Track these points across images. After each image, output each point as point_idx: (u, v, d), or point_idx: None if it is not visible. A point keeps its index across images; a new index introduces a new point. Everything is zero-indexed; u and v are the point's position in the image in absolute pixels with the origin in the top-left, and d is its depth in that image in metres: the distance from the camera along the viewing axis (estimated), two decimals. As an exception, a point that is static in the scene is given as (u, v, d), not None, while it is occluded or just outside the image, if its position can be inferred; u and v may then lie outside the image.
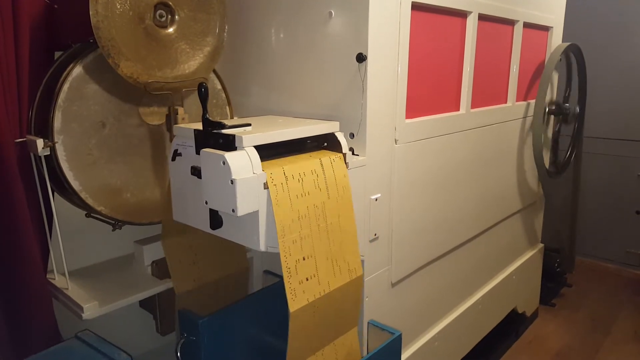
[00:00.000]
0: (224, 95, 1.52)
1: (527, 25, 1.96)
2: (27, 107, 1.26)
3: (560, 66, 2.17)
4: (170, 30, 1.31)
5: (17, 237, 1.25)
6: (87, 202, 1.27)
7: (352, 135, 1.31)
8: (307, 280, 1.09)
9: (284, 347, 1.46)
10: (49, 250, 1.34)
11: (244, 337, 1.34)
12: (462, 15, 1.60)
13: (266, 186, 1.03)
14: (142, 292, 1.36)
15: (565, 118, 2.26)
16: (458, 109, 1.68)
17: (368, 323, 1.41)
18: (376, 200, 1.37)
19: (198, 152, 1.08)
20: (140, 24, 1.24)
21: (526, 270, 2.38)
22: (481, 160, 1.83)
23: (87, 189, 1.27)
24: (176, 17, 1.31)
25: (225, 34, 1.43)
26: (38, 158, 1.23)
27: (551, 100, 2.23)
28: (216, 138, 1.05)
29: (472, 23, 1.62)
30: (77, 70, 1.22)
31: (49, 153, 1.20)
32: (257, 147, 1.04)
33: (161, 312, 1.51)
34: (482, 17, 1.66)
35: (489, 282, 2.10)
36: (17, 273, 1.27)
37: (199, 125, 1.10)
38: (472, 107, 1.72)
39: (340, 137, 1.23)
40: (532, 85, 2.13)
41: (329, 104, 1.34)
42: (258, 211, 1.03)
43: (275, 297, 1.40)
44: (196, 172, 1.09)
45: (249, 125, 1.10)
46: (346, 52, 1.27)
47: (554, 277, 2.79)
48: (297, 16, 1.37)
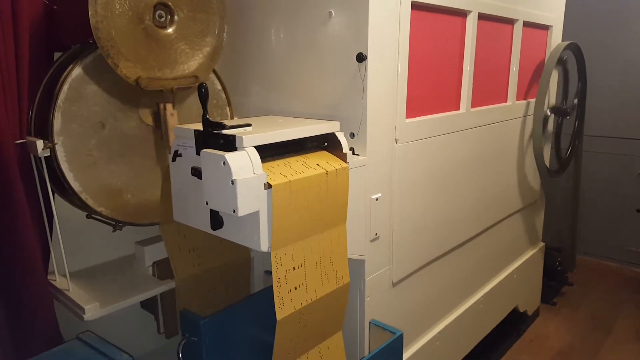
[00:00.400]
0: (224, 95, 1.52)
1: (526, 24, 1.96)
2: (26, 108, 1.26)
3: (560, 65, 2.17)
4: (170, 30, 1.30)
5: (17, 238, 1.25)
6: (87, 203, 1.27)
7: (352, 135, 1.31)
8: (296, 289, 1.10)
9: (285, 348, 1.46)
10: (49, 252, 1.34)
11: (245, 337, 1.34)
12: (462, 14, 1.60)
13: (267, 186, 1.03)
14: (143, 293, 1.36)
15: (565, 117, 2.25)
16: (458, 108, 1.68)
17: (369, 323, 1.41)
18: (377, 199, 1.37)
19: (198, 153, 1.08)
20: (139, 24, 1.24)
21: (527, 269, 2.38)
22: (481, 160, 1.83)
23: (88, 189, 1.27)
24: (175, 17, 1.31)
25: (225, 35, 1.43)
26: (38, 159, 1.22)
27: (551, 100, 2.22)
28: (216, 138, 1.05)
29: (471, 22, 1.62)
30: (77, 71, 1.22)
31: (49, 154, 1.20)
32: (258, 148, 1.04)
33: (162, 313, 1.51)
34: (481, 17, 1.66)
35: (490, 281, 2.10)
36: (18, 274, 1.27)
37: (199, 126, 1.10)
38: (472, 107, 1.71)
39: (341, 136, 1.22)
40: (532, 84, 2.13)
41: (329, 103, 1.34)
42: (259, 211, 1.03)
43: (276, 297, 1.40)
44: (196, 172, 1.09)
45: (249, 125, 1.10)
46: (346, 51, 1.26)
47: (555, 275, 2.79)
48: (297, 16, 1.37)
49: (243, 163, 1.00)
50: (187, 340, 1.23)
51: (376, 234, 1.39)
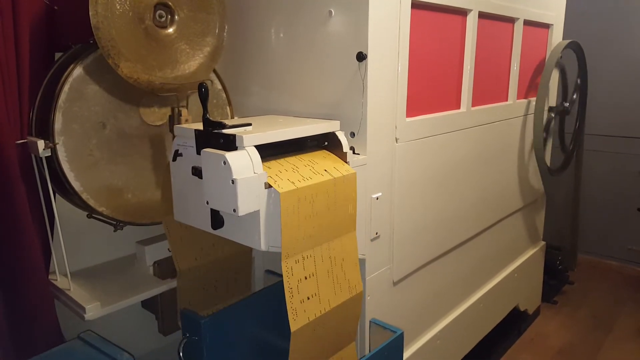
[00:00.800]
0: (224, 95, 1.52)
1: (527, 22, 1.95)
2: (27, 109, 1.26)
3: (561, 64, 2.17)
4: (170, 30, 1.31)
5: (18, 238, 1.25)
6: (88, 203, 1.27)
7: (352, 134, 1.31)
8: (309, 299, 1.08)
9: (286, 346, 1.46)
10: (50, 252, 1.34)
11: (246, 336, 1.34)
12: (462, 13, 1.60)
13: (267, 186, 1.03)
14: (144, 293, 1.37)
15: (565, 115, 2.25)
16: (459, 107, 1.68)
17: (370, 322, 1.41)
18: (377, 199, 1.37)
19: (199, 152, 1.08)
20: (140, 24, 1.24)
21: (528, 268, 2.38)
22: (482, 159, 1.83)
23: (89, 189, 1.27)
24: (176, 17, 1.31)
25: (225, 34, 1.43)
26: (39, 159, 1.23)
27: (551, 98, 2.22)
28: (217, 138, 1.05)
29: (472, 21, 1.62)
30: (78, 71, 1.22)
31: (50, 154, 1.20)
32: (258, 147, 1.04)
33: (163, 312, 1.51)
34: (482, 15, 1.66)
35: (490, 280, 2.10)
36: (19, 274, 1.28)
37: (200, 126, 1.10)
38: (472, 105, 1.71)
39: (341, 136, 1.22)
40: (533, 83, 2.13)
41: (330, 103, 1.34)
42: (259, 211, 1.03)
43: (277, 296, 1.40)
44: (197, 172, 1.09)
45: (250, 125, 1.10)
46: (346, 51, 1.27)
47: (555, 274, 2.79)
48: (297, 15, 1.37)
49: (243, 162, 1.00)
50: (188, 339, 1.23)
51: (377, 233, 1.39)
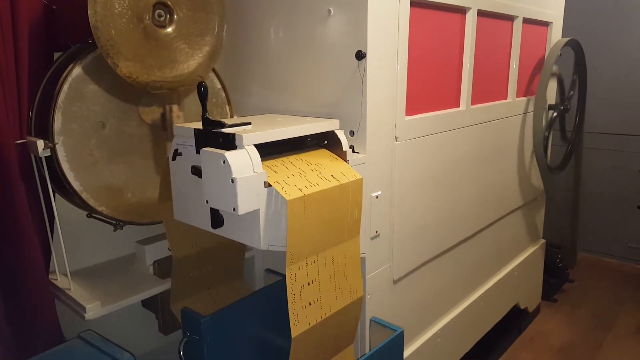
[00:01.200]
0: (223, 94, 1.52)
1: (526, 20, 1.95)
2: (27, 109, 1.26)
3: (560, 62, 2.17)
4: (169, 30, 1.30)
5: (18, 238, 1.25)
6: (88, 203, 1.27)
7: (352, 133, 1.31)
8: (310, 304, 1.09)
9: (286, 345, 1.46)
10: (50, 251, 1.34)
11: (246, 335, 1.34)
12: (462, 11, 1.59)
13: (267, 184, 1.03)
14: (144, 292, 1.37)
15: (565, 113, 2.25)
16: (458, 106, 1.68)
17: (370, 320, 1.42)
18: (377, 197, 1.37)
19: (198, 152, 1.08)
20: (139, 23, 1.24)
21: (528, 266, 2.38)
22: (482, 157, 1.83)
23: (88, 189, 1.27)
24: (175, 16, 1.31)
25: (224, 34, 1.42)
26: (39, 159, 1.23)
27: (551, 96, 2.22)
28: (216, 137, 1.05)
29: (471, 19, 1.62)
30: (77, 70, 1.22)
31: (49, 154, 1.20)
32: (258, 146, 1.04)
33: (164, 311, 1.51)
34: (481, 13, 1.66)
35: (490, 278, 2.10)
36: (20, 274, 1.28)
37: (199, 125, 1.10)
38: (472, 104, 1.71)
39: (341, 134, 1.22)
40: (532, 81, 2.13)
41: (329, 101, 1.34)
42: (259, 210, 1.03)
43: (277, 295, 1.40)
44: (196, 171, 1.09)
45: (249, 124, 1.10)
46: (345, 49, 1.26)
47: (555, 272, 2.79)
48: (296, 14, 1.37)
49: (243, 161, 1.00)
50: (188, 338, 1.24)
51: (376, 232, 1.39)
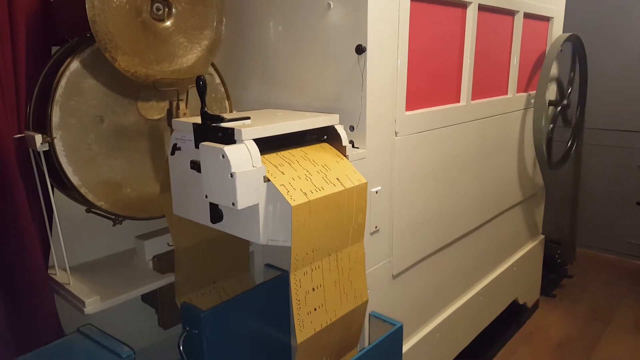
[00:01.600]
0: (222, 89, 1.52)
1: (527, 15, 1.94)
2: (24, 103, 1.25)
3: (561, 57, 2.16)
4: (168, 23, 1.30)
5: (17, 233, 1.25)
6: (87, 198, 1.27)
7: (352, 128, 1.30)
8: (315, 310, 1.08)
9: (285, 340, 1.47)
10: (49, 246, 1.34)
11: (245, 330, 1.34)
12: (462, 5, 1.59)
13: (266, 179, 1.03)
14: (143, 287, 1.36)
15: (566, 109, 2.25)
16: (458, 101, 1.68)
17: (369, 315, 1.42)
18: (377, 192, 1.37)
19: (197, 146, 1.07)
20: (137, 17, 1.23)
21: (527, 262, 2.38)
22: (482, 152, 1.83)
23: (87, 184, 1.26)
24: (173, 10, 1.30)
25: (223, 27, 1.42)
26: (37, 153, 1.22)
27: (551, 92, 2.22)
28: (215, 131, 1.05)
29: (472, 14, 1.61)
30: (75, 64, 1.22)
31: (47, 148, 1.19)
32: (257, 141, 1.04)
33: (163, 306, 1.52)
34: (482, 8, 1.65)
35: (490, 273, 2.10)
36: (19, 269, 1.27)
37: (198, 119, 1.09)
38: (472, 99, 1.71)
39: (340, 129, 1.22)
40: (533, 77, 2.12)
41: (329, 96, 1.34)
42: (258, 204, 1.03)
43: (276, 290, 1.40)
44: (196, 166, 1.09)
45: (248, 118, 1.10)
46: (345, 44, 1.26)
47: (554, 268, 2.79)
48: (296, 8, 1.36)
49: (242, 156, 1.00)
50: (188, 333, 1.23)
51: (376, 227, 1.39)
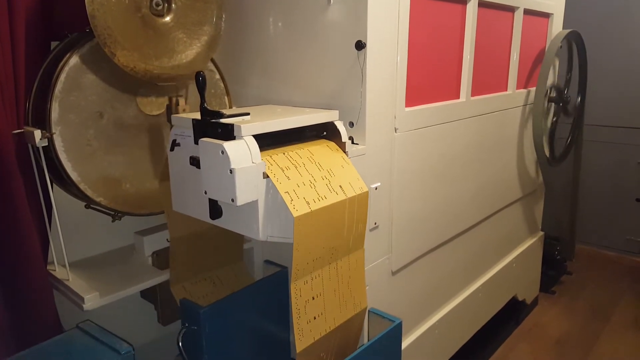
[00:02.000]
0: (222, 84, 1.51)
1: (527, 11, 1.94)
2: (24, 98, 1.25)
3: (560, 53, 2.16)
4: (167, 19, 1.29)
5: (16, 228, 1.24)
6: (86, 193, 1.27)
7: (351, 124, 1.30)
8: (315, 319, 1.08)
9: (284, 336, 1.47)
10: (49, 242, 1.34)
11: (245, 326, 1.34)
12: (462, 1, 1.58)
13: (265, 175, 1.02)
14: (143, 283, 1.36)
15: (565, 106, 2.25)
16: (458, 97, 1.67)
17: (368, 311, 1.42)
18: (376, 189, 1.36)
19: (197, 142, 1.07)
20: (136, 12, 1.22)
21: (526, 258, 2.38)
22: (481, 149, 1.83)
23: (86, 180, 1.26)
24: (173, 5, 1.29)
25: (223, 23, 1.41)
26: (36, 149, 1.22)
27: (552, 88, 2.21)
28: (215, 127, 1.05)
29: (472, 10, 1.60)
30: (74, 60, 1.21)
31: (47, 144, 1.19)
32: (256, 137, 1.04)
33: (162, 302, 1.52)
34: (482, 4, 1.64)
35: (489, 270, 2.10)
36: (18, 265, 1.27)
37: (198, 115, 1.09)
38: (472, 95, 1.71)
39: (340, 125, 1.22)
40: (533, 73, 2.12)
41: (328, 92, 1.33)
42: (257, 200, 1.03)
43: (275, 286, 1.41)
44: (195, 162, 1.09)
45: (248, 114, 1.10)
46: (345, 39, 1.25)
47: (554, 264, 2.80)
48: (295, 4, 1.35)
49: (241, 152, 1.00)
50: (187, 329, 1.24)
51: (375, 223, 1.39)
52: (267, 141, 1.09)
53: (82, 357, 1.14)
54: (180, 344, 1.23)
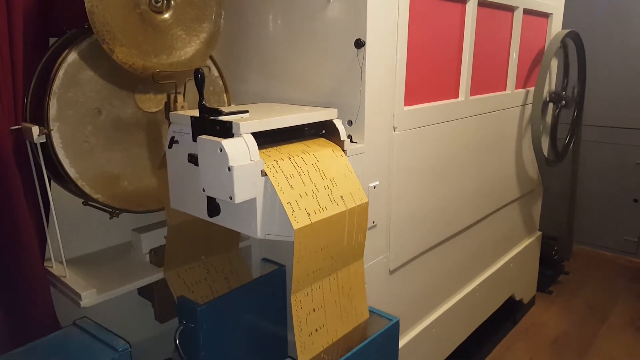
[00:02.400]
0: (221, 82, 1.51)
1: (526, 11, 1.94)
2: (21, 94, 1.24)
3: (559, 53, 2.16)
4: (166, 15, 1.29)
5: (14, 225, 1.24)
6: (84, 190, 1.26)
7: (350, 123, 1.30)
8: (317, 331, 1.08)
9: (282, 334, 1.47)
10: (46, 239, 1.34)
11: (242, 324, 1.34)
12: (462, 1, 1.58)
13: (264, 173, 1.02)
14: (140, 280, 1.36)
15: (564, 106, 2.25)
16: (457, 97, 1.67)
17: (366, 310, 1.42)
18: (374, 188, 1.36)
19: (195, 139, 1.07)
20: (135, 9, 1.22)
21: (524, 258, 2.39)
22: (480, 148, 1.83)
23: (84, 176, 1.26)
24: (172, 2, 1.29)
25: (222, 20, 1.41)
26: (34, 145, 1.22)
27: (550, 88, 2.22)
28: (213, 125, 1.04)
29: (471, 9, 1.60)
30: (72, 56, 1.21)
31: (44, 140, 1.19)
32: (255, 134, 1.03)
33: (159, 300, 1.51)
34: (481, 3, 1.64)
35: (486, 269, 2.10)
36: (15, 261, 1.27)
37: (196, 112, 1.09)
38: (471, 95, 1.71)
39: (339, 124, 1.22)
40: (532, 73, 2.12)
41: (327, 91, 1.33)
42: (255, 198, 1.03)
43: (273, 284, 1.40)
44: (193, 159, 1.08)
45: (246, 112, 1.09)
46: (344, 38, 1.25)
47: (551, 264, 2.80)
48: (295, 1, 1.35)
49: (240, 149, 1.00)
50: (184, 327, 1.24)
51: (373, 222, 1.39)
52: (265, 139, 1.09)
53: (78, 354, 1.14)
54: (177, 341, 1.23)
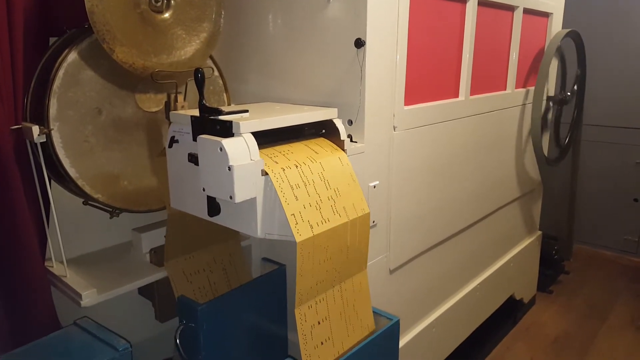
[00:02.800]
0: (221, 81, 1.51)
1: (527, 11, 1.94)
2: (22, 94, 1.24)
3: (560, 53, 2.16)
4: (166, 15, 1.29)
5: (14, 225, 1.24)
6: (84, 190, 1.27)
7: (350, 122, 1.30)
8: (322, 344, 1.07)
9: (282, 334, 1.47)
10: (46, 238, 1.34)
11: (242, 323, 1.34)
12: (462, 0, 1.58)
13: (264, 173, 1.02)
14: (140, 280, 1.36)
15: (564, 105, 2.25)
16: (457, 96, 1.67)
17: (366, 310, 1.42)
18: (374, 187, 1.36)
19: (195, 139, 1.07)
20: (135, 8, 1.22)
21: (524, 258, 2.39)
22: (480, 148, 1.83)
23: (84, 176, 1.26)
24: (172, 2, 1.29)
25: (222, 20, 1.41)
26: (34, 145, 1.22)
27: (550, 88, 2.21)
28: (213, 124, 1.04)
29: (471, 8, 1.60)
30: (72, 56, 1.21)
31: (45, 140, 1.19)
32: (255, 134, 1.03)
33: (160, 299, 1.51)
34: (481, 3, 1.64)
35: (487, 269, 2.10)
36: (15, 261, 1.27)
37: (196, 112, 1.09)
38: (471, 94, 1.71)
39: (339, 123, 1.22)
40: (532, 72, 2.12)
41: (327, 90, 1.33)
42: (255, 198, 1.03)
43: (273, 284, 1.40)
44: (193, 159, 1.08)
45: (246, 111, 1.09)
46: (344, 37, 1.25)
47: (551, 264, 2.80)
48: (295, 1, 1.35)
49: (240, 149, 1.00)
50: (184, 326, 1.24)
51: (373, 222, 1.39)
52: (265, 139, 1.09)
53: (79, 353, 1.14)
54: (177, 340, 1.23)
